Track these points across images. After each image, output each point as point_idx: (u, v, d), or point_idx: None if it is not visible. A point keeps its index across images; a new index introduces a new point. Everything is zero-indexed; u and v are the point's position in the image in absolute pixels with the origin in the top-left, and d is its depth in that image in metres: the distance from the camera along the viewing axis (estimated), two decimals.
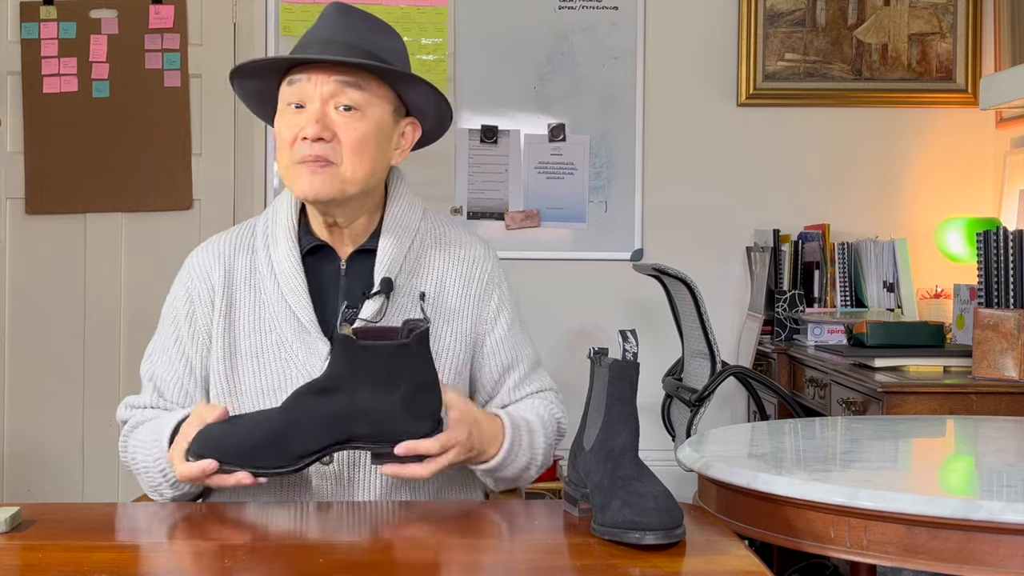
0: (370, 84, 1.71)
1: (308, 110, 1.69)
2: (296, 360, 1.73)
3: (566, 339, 4.08)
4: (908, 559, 1.50)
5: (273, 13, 4.07)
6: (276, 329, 1.75)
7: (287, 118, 1.71)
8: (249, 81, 1.78)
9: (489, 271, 1.85)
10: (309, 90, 1.69)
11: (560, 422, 1.86)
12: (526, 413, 1.79)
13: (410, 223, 1.81)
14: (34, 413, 4.10)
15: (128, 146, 4.10)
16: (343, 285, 1.77)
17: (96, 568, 1.29)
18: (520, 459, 1.74)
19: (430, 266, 1.81)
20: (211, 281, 1.79)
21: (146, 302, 4.05)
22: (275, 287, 1.76)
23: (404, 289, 1.77)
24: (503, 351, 1.83)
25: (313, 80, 1.69)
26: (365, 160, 1.71)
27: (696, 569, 1.29)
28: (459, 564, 1.36)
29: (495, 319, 1.83)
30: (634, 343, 1.46)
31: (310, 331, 1.73)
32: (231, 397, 1.75)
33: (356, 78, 1.70)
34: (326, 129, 1.68)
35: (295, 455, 1.52)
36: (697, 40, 4.10)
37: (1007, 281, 2.98)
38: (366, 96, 1.70)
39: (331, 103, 1.69)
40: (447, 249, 1.84)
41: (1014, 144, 3.91)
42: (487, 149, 4.09)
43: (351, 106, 1.69)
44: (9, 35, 4.12)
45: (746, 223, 4.09)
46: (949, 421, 2.35)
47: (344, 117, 1.69)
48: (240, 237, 1.83)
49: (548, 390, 1.88)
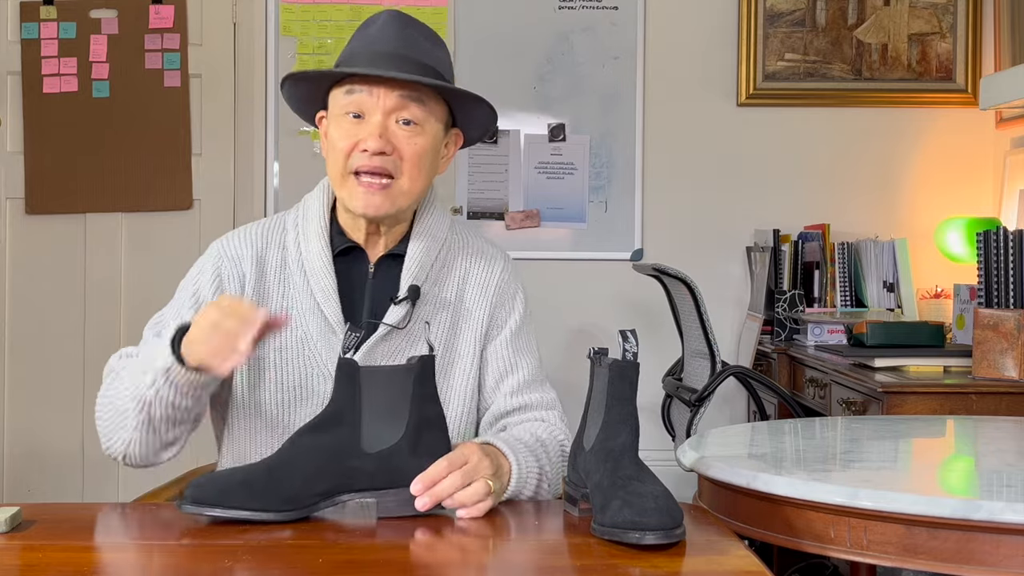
0: (430, 99, 1.73)
1: (369, 122, 1.70)
2: (319, 358, 1.75)
3: (566, 339, 4.08)
4: (908, 559, 1.50)
5: (273, 13, 4.07)
6: (302, 326, 1.76)
7: (344, 127, 1.72)
8: (301, 85, 1.78)
9: (506, 280, 1.86)
10: (370, 102, 1.70)
11: (563, 445, 1.77)
12: (523, 435, 1.72)
13: (439, 232, 1.83)
14: (34, 413, 4.10)
15: (128, 146, 4.10)
16: (370, 287, 1.79)
17: (96, 568, 1.29)
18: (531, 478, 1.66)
19: (453, 275, 1.83)
20: (242, 268, 1.78)
21: (146, 302, 4.04)
22: (304, 284, 1.77)
23: (428, 296, 1.79)
24: (503, 356, 1.82)
25: (375, 93, 1.69)
26: (423, 174, 1.74)
27: (696, 569, 1.29)
28: (459, 564, 1.36)
29: (502, 325, 1.84)
30: (634, 343, 1.46)
31: (336, 330, 1.74)
32: (251, 389, 1.76)
33: (419, 93, 1.71)
34: (388, 143, 1.69)
35: (295, 495, 1.46)
36: (697, 40, 4.11)
37: (1007, 281, 2.98)
38: (425, 112, 1.72)
39: (392, 116, 1.70)
40: (470, 258, 1.85)
41: (1014, 144, 3.91)
42: (487, 149, 4.09)
43: (411, 120, 1.71)
44: (9, 35, 4.12)
45: (746, 223, 4.09)
46: (949, 421, 2.35)
47: (405, 131, 1.71)
48: (271, 231, 1.82)
49: (550, 408, 1.83)
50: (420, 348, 1.76)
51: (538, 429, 1.76)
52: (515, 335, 1.84)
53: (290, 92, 1.80)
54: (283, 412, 1.75)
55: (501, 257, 1.89)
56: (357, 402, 1.50)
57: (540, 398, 1.83)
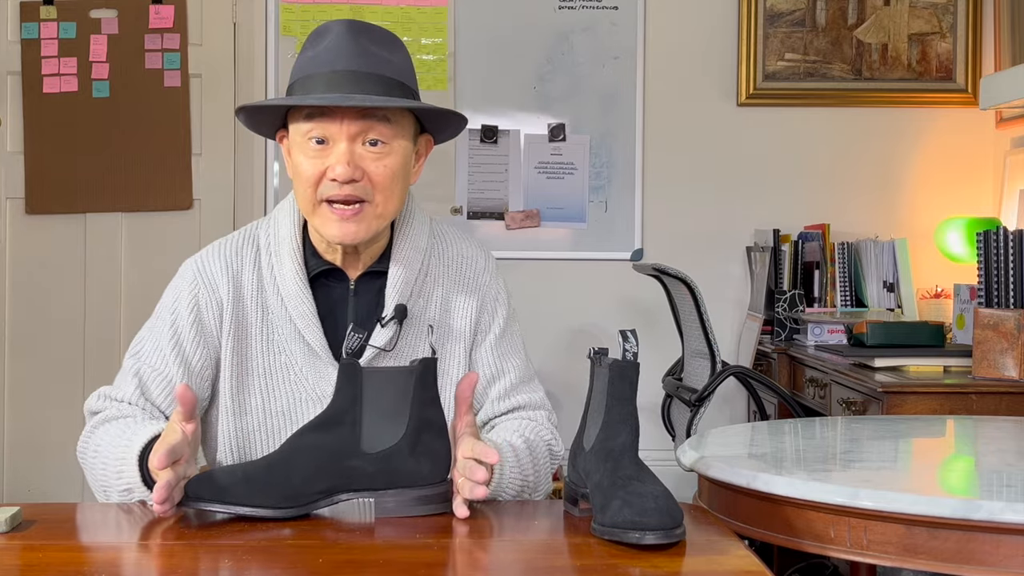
0: (396, 115, 1.65)
1: (334, 149, 1.63)
2: (305, 383, 1.71)
3: (566, 339, 4.08)
4: (908, 559, 1.50)
5: (273, 13, 4.07)
6: (285, 351, 1.71)
7: (309, 154, 1.64)
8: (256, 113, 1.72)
9: (487, 282, 1.82)
10: (333, 128, 1.62)
11: (552, 446, 1.76)
12: (510, 437, 1.69)
13: (419, 243, 1.77)
14: (34, 413, 4.10)
15: (128, 146, 4.10)
16: (352, 307, 1.74)
17: (96, 568, 1.29)
18: (512, 484, 1.65)
19: (437, 287, 1.78)
20: (219, 294, 1.73)
21: (146, 302, 4.03)
22: (282, 309, 1.72)
23: (412, 312, 1.74)
24: (489, 361, 1.79)
25: (338, 118, 1.62)
26: (396, 194, 1.67)
27: (696, 569, 1.29)
28: (459, 564, 1.36)
29: (487, 329, 1.80)
30: (634, 343, 1.46)
31: (320, 355, 1.70)
32: (237, 416, 1.72)
33: (384, 111, 1.63)
34: (357, 169, 1.62)
35: (294, 492, 1.46)
36: (697, 40, 4.11)
37: (1007, 281, 2.98)
38: (392, 129, 1.65)
39: (359, 140, 1.63)
40: (450, 264, 1.80)
41: (1014, 144, 3.91)
42: (487, 149, 4.09)
43: (379, 140, 1.64)
44: (9, 35, 4.12)
45: (746, 223, 4.09)
46: (949, 421, 2.35)
47: (373, 153, 1.64)
48: (245, 249, 1.76)
49: (539, 408, 1.81)
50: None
51: (526, 428, 1.74)
52: (500, 339, 1.81)
53: (247, 120, 1.73)
54: (270, 438, 1.72)
55: (483, 257, 1.84)
56: (358, 402, 1.50)
57: (528, 399, 1.81)
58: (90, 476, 1.68)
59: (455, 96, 4.05)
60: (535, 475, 1.69)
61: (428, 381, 1.53)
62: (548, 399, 1.86)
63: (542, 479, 1.72)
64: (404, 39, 4.06)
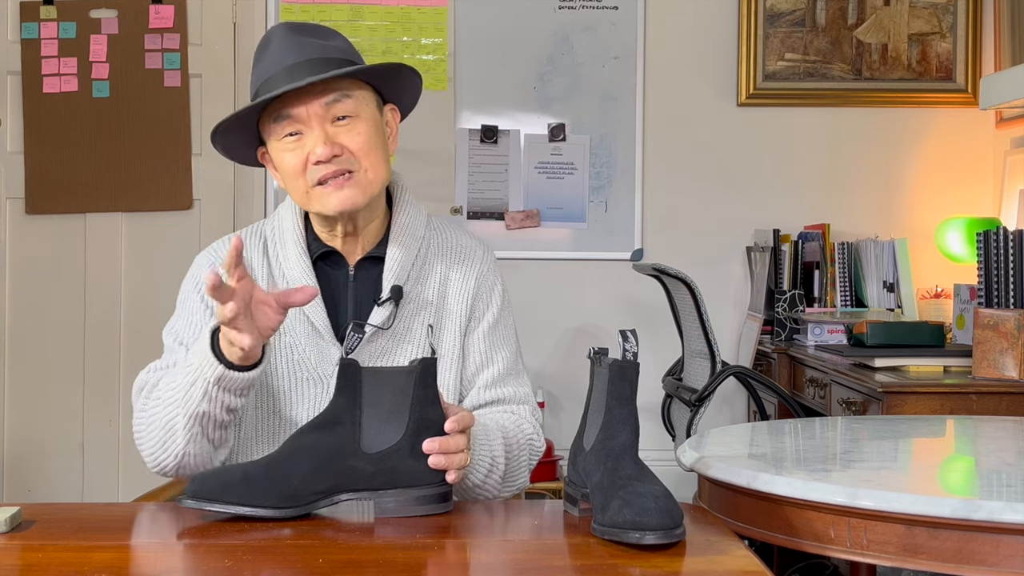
0: (354, 89, 1.75)
1: (310, 136, 1.72)
2: (308, 364, 1.76)
3: (566, 339, 4.08)
4: (908, 559, 1.50)
5: (273, 13, 4.07)
6: (289, 332, 1.77)
7: (289, 150, 1.74)
8: (230, 133, 1.80)
9: (484, 273, 1.87)
10: (303, 117, 1.72)
11: (532, 440, 1.80)
12: (487, 422, 1.73)
13: (417, 230, 1.84)
14: (34, 413, 4.10)
15: (128, 146, 4.10)
16: (352, 291, 1.80)
17: (96, 568, 1.29)
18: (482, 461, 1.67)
19: (434, 273, 1.84)
20: None
21: (146, 302, 4.06)
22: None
23: (410, 296, 1.80)
24: (480, 349, 1.84)
25: (302, 107, 1.72)
26: (379, 158, 1.75)
27: (696, 569, 1.29)
28: (459, 564, 1.36)
29: (480, 318, 1.85)
30: (634, 343, 1.46)
31: (323, 336, 1.76)
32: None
33: (342, 89, 1.73)
34: (335, 145, 1.71)
35: (294, 492, 1.46)
36: (697, 40, 4.11)
37: (1007, 281, 2.98)
38: (355, 102, 1.74)
39: (328, 120, 1.72)
40: (449, 255, 1.86)
41: (1014, 144, 3.91)
42: (487, 149, 4.09)
43: (346, 115, 1.73)
44: (9, 35, 4.12)
45: (746, 223, 4.09)
46: (949, 421, 2.35)
47: (344, 127, 1.73)
48: (252, 239, 1.85)
49: (523, 403, 1.85)
50: (405, 348, 1.77)
51: (505, 420, 1.78)
52: (492, 328, 1.85)
53: (223, 145, 1.82)
54: (272, 417, 1.76)
55: (481, 250, 1.89)
56: (358, 402, 1.50)
57: (513, 392, 1.85)
58: (151, 429, 1.69)
59: (455, 96, 4.05)
60: (505, 460, 1.72)
61: (428, 381, 1.53)
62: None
63: (514, 467, 1.76)
64: (404, 39, 4.07)
